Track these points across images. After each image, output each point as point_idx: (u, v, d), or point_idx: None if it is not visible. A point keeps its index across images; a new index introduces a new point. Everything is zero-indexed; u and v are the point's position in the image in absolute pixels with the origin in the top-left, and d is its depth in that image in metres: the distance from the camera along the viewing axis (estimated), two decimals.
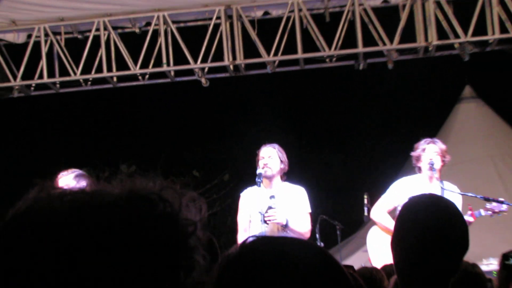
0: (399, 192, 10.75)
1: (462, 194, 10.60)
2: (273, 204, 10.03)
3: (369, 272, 6.47)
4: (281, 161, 10.23)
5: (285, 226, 9.92)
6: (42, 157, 22.63)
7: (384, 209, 10.98)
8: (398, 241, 3.92)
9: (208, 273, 1.82)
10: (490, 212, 10.90)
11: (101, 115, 26.47)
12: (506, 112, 23.11)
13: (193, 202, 1.73)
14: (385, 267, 6.73)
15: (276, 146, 10.37)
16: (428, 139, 10.91)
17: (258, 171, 10.17)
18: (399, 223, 3.98)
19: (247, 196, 10.40)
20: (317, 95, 29.61)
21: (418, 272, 3.81)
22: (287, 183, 10.40)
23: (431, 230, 3.80)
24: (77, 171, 10.65)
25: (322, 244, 12.44)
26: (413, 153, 10.92)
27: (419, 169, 10.81)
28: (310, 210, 10.42)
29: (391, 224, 10.73)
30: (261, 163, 10.18)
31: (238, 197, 10.92)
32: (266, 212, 9.93)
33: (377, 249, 11.03)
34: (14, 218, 1.66)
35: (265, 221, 9.91)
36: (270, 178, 10.21)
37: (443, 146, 10.75)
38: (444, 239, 3.81)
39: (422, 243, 3.79)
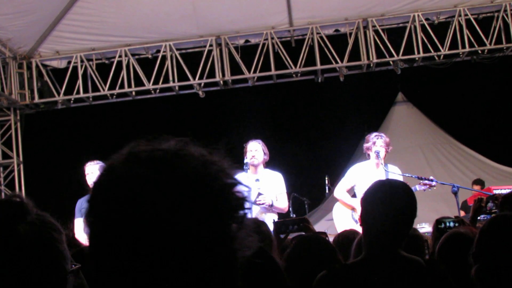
0: (354, 175, 10.86)
1: (401, 175, 10.69)
2: (260, 188, 10.16)
3: (352, 234, 6.48)
4: (264, 153, 10.34)
5: (271, 206, 10.06)
6: (77, 151, 22.58)
7: (344, 189, 11.06)
8: (365, 215, 4.03)
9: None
10: (423, 188, 10.99)
11: (122, 121, 26.39)
12: (430, 111, 23.24)
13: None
14: (344, 232, 6.82)
15: (260, 141, 10.47)
16: (377, 134, 10.97)
17: (245, 161, 10.28)
18: (365, 202, 4.08)
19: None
20: (287, 102, 29.53)
21: (381, 237, 3.93)
22: (267, 169, 10.49)
23: (391, 206, 3.92)
24: (100, 162, 10.76)
25: (294, 216, 12.50)
26: (365, 144, 10.99)
27: (369, 155, 10.90)
28: (286, 191, 10.58)
29: (349, 200, 10.91)
30: (249, 154, 10.26)
31: None
32: (257, 197, 10.05)
33: (340, 219, 11.13)
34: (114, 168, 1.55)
35: (256, 203, 10.06)
36: (256, 166, 10.30)
37: (387, 139, 10.82)
38: (400, 211, 3.93)
39: (384, 215, 3.90)
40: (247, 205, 1.58)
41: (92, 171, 10.72)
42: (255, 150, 10.33)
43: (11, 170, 15.48)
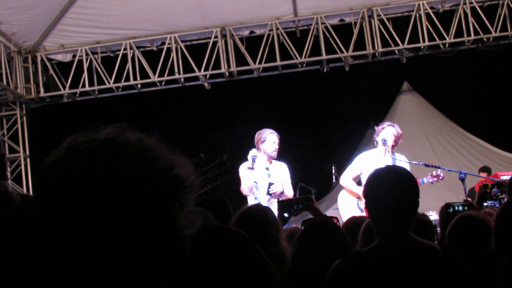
0: (360, 163, 10.80)
1: (408, 162, 10.64)
2: (271, 178, 10.21)
3: (360, 219, 6.48)
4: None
5: (282, 193, 10.09)
6: None
7: (350, 177, 11.02)
8: (369, 201, 4.01)
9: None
10: (431, 180, 10.98)
11: (128, 113, 26.42)
12: (436, 100, 23.22)
13: (185, 165, 1.65)
14: (353, 217, 6.82)
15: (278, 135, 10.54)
16: (390, 123, 10.90)
17: (253, 154, 10.31)
18: (368, 190, 4.06)
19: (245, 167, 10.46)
20: (293, 93, 29.56)
21: (388, 222, 3.91)
22: (274, 160, 10.52)
23: (394, 191, 3.90)
24: None
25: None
26: (376, 127, 10.95)
27: (376, 142, 10.84)
28: (291, 180, 10.59)
29: (355, 188, 10.85)
30: (272, 146, 10.28)
31: (235, 172, 11.04)
32: (269, 187, 10.08)
33: (345, 207, 11.10)
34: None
35: (269, 194, 10.10)
36: (273, 158, 10.40)
37: (399, 131, 10.73)
38: (402, 194, 3.91)
39: (388, 200, 3.89)
40: (187, 185, 1.62)
41: None
42: (278, 143, 10.38)
43: (18, 164, 15.49)
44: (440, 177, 11.02)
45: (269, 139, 10.34)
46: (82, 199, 1.49)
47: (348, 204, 11.10)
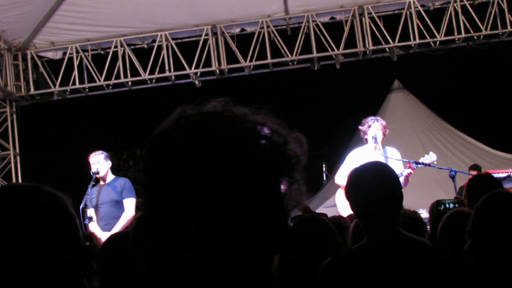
0: (353, 160, 10.84)
1: (400, 160, 10.70)
2: None
3: (338, 220, 6.55)
4: None
5: None
6: (74, 142, 22.62)
7: (345, 174, 11.05)
8: (354, 199, 4.04)
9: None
10: (422, 164, 11.03)
11: (120, 111, 26.39)
12: (426, 98, 23.26)
13: (298, 141, 1.67)
14: (350, 216, 6.90)
15: None
16: (373, 118, 10.97)
17: None
18: (349, 187, 4.09)
19: None
20: (283, 91, 29.58)
21: (373, 217, 3.94)
22: None
23: (375, 186, 3.92)
24: (104, 152, 10.85)
25: None
26: (361, 127, 10.99)
27: (366, 140, 10.91)
28: None
29: None
30: None
31: None
32: None
33: (343, 205, 11.14)
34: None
35: None
36: None
37: (384, 123, 10.84)
38: (385, 190, 3.92)
39: (371, 196, 3.91)
40: (298, 161, 1.64)
41: (98, 160, 10.91)
42: None
43: (8, 162, 15.46)
44: (433, 159, 11.03)
45: None
46: (194, 171, 1.51)
47: (346, 202, 11.11)
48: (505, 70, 25.56)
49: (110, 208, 10.89)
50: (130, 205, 10.90)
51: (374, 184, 3.93)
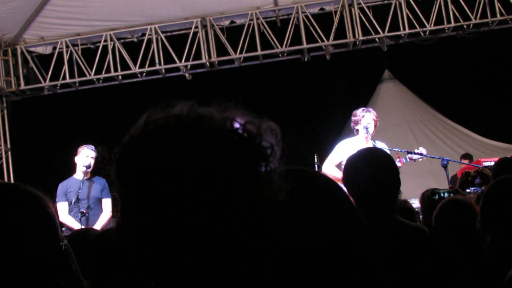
0: (342, 150, 10.84)
1: (390, 149, 10.69)
2: None
3: None
4: None
5: None
6: (65, 137, 22.60)
7: (332, 164, 11.08)
8: (352, 185, 4.02)
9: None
10: (414, 158, 11.04)
11: (110, 105, 26.35)
12: (417, 88, 23.32)
13: (270, 130, 1.65)
14: None
15: None
16: (365, 108, 10.99)
17: None
18: (347, 172, 4.07)
19: None
20: (274, 82, 29.58)
21: (370, 203, 3.90)
22: None
23: (373, 171, 3.92)
24: (92, 146, 10.86)
25: None
26: (352, 117, 11.01)
27: (357, 131, 10.91)
28: None
29: (339, 174, 10.88)
30: None
31: None
32: None
33: None
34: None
35: None
36: None
37: (375, 114, 10.86)
38: (383, 176, 3.92)
39: (369, 182, 3.90)
40: (273, 151, 1.61)
41: (92, 155, 10.94)
42: None
43: None
44: (424, 153, 11.05)
45: None
46: (166, 175, 1.49)
47: None
48: (495, 58, 25.61)
49: (92, 204, 10.89)
50: (108, 206, 11.04)
51: (372, 170, 3.92)
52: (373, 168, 3.93)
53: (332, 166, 11.07)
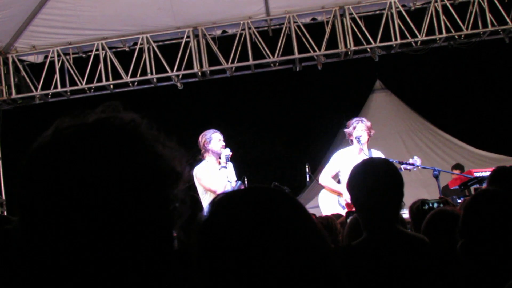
0: (338, 161, 10.98)
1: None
2: (228, 177, 10.51)
3: (326, 220, 6.59)
4: None
5: None
6: None
7: (329, 175, 11.16)
8: (354, 196, 4.03)
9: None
10: (409, 167, 11.10)
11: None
12: (408, 98, 23.37)
13: (179, 156, 1.63)
14: (333, 215, 6.94)
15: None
16: (358, 119, 11.07)
17: (227, 153, 10.44)
18: (351, 184, 4.08)
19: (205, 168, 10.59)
20: (265, 92, 29.59)
21: (373, 214, 3.94)
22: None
23: (378, 181, 3.92)
24: None
25: None
26: (346, 129, 11.08)
27: (351, 141, 10.98)
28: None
29: (335, 186, 11.02)
30: (219, 144, 10.64)
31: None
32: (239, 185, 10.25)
33: (326, 205, 11.20)
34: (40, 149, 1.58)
35: None
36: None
37: (368, 124, 10.94)
38: (385, 185, 3.93)
39: (373, 191, 3.91)
40: (178, 172, 1.60)
41: None
42: (223, 140, 10.69)
43: None
44: (417, 164, 11.11)
45: (214, 138, 10.53)
46: (67, 187, 1.47)
47: (329, 202, 11.23)
48: (486, 69, 25.68)
49: None
50: None
51: (380, 179, 3.93)
52: (372, 180, 3.93)
53: (329, 178, 11.18)
